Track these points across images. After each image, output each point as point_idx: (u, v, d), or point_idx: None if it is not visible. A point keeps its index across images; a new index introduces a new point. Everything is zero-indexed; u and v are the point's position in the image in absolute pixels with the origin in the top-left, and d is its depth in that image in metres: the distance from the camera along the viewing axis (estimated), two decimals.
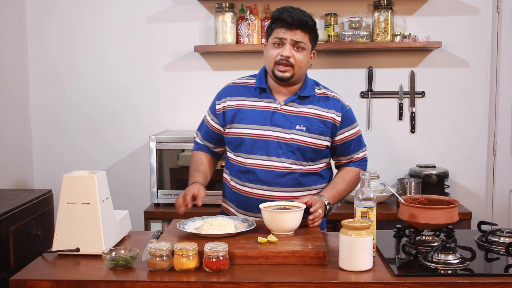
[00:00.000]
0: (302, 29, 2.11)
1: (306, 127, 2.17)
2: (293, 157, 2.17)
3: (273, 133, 2.17)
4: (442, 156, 3.41)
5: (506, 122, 3.37)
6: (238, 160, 2.22)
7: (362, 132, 2.34)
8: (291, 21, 2.09)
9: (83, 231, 1.84)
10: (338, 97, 2.29)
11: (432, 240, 1.94)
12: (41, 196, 2.59)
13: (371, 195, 1.80)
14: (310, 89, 2.24)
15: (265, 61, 2.21)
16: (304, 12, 2.14)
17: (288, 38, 2.11)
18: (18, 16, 3.39)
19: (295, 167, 2.18)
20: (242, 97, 2.24)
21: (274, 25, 2.16)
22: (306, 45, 2.14)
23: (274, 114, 2.18)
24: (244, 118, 2.20)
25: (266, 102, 2.21)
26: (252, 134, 2.18)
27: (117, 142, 3.50)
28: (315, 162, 2.23)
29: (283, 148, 2.16)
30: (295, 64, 2.13)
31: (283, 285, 1.61)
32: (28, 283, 1.65)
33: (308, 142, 2.17)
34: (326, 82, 3.38)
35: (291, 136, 2.16)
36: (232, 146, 2.24)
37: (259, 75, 2.27)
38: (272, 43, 2.15)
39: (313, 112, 2.20)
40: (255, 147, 2.18)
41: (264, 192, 2.18)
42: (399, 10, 3.35)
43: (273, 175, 2.17)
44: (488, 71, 3.37)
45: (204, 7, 3.40)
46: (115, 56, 3.46)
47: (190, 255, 1.69)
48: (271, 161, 2.17)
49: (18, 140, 3.38)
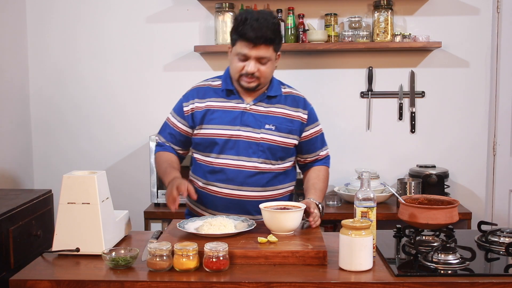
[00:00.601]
0: (266, 43, 2.10)
1: (275, 126, 2.20)
2: (263, 156, 2.19)
3: (244, 133, 2.18)
4: (442, 156, 3.41)
5: (506, 122, 3.37)
6: (208, 161, 2.23)
7: (362, 132, 2.35)
8: (254, 37, 2.07)
9: (83, 231, 1.84)
10: (303, 96, 2.33)
11: (432, 240, 1.94)
12: (41, 196, 2.58)
13: (371, 195, 1.80)
14: (276, 88, 2.26)
15: (230, 69, 2.21)
16: (267, 24, 2.08)
17: (252, 55, 2.10)
18: (18, 16, 3.39)
19: (265, 167, 2.20)
20: (210, 98, 2.24)
21: (236, 37, 2.12)
22: (270, 57, 2.14)
23: (244, 114, 2.20)
24: (214, 119, 2.21)
25: (235, 102, 2.22)
26: (222, 134, 2.19)
27: (117, 142, 3.50)
28: (284, 161, 2.26)
29: (253, 147, 2.18)
30: (261, 76, 2.14)
31: (283, 285, 1.61)
32: (28, 283, 1.65)
33: (277, 141, 2.20)
34: (326, 82, 3.42)
35: (261, 136, 2.18)
36: (201, 147, 2.24)
37: (224, 76, 2.27)
38: (235, 55, 2.14)
39: (281, 111, 2.23)
40: (225, 147, 2.19)
41: (233, 192, 2.19)
42: (399, 10, 3.35)
43: (242, 175, 2.18)
44: (488, 71, 3.37)
45: (204, 7, 3.40)
46: (115, 56, 3.46)
47: (190, 255, 1.69)
48: (241, 161, 2.18)
49: (18, 140, 3.38)
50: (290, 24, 3.30)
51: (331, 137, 3.41)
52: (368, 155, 3.44)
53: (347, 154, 3.43)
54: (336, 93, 3.39)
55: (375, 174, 3.26)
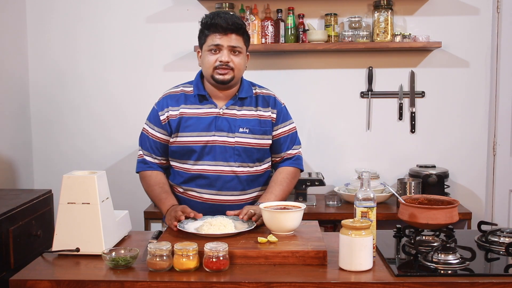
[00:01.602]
0: (237, 32, 2.15)
1: (249, 129, 2.21)
2: (239, 160, 2.20)
3: (218, 138, 2.20)
4: (442, 156, 3.40)
5: (506, 122, 3.36)
6: (186, 168, 2.24)
7: (362, 132, 2.34)
8: (225, 25, 2.12)
9: (83, 231, 1.84)
10: (274, 95, 2.33)
11: (432, 240, 1.94)
12: (41, 196, 2.58)
13: (371, 195, 1.80)
14: (247, 90, 2.28)
15: (203, 67, 2.23)
16: (235, 16, 2.19)
17: (225, 44, 2.14)
18: (18, 16, 3.39)
19: (242, 170, 2.21)
20: (183, 105, 2.25)
21: (207, 32, 2.17)
22: (242, 49, 2.19)
23: (217, 119, 2.21)
24: (188, 126, 2.21)
25: (207, 108, 2.23)
26: (198, 141, 2.20)
27: (117, 142, 3.50)
28: (261, 162, 2.27)
29: (229, 151, 2.20)
30: (235, 67, 2.17)
31: (283, 285, 1.61)
32: (28, 283, 1.66)
33: (252, 143, 2.21)
34: (327, 82, 3.42)
35: (235, 140, 2.20)
36: (178, 155, 2.25)
37: (195, 82, 2.28)
38: (208, 50, 2.17)
39: (254, 113, 2.25)
40: (202, 154, 2.20)
41: (212, 196, 2.21)
42: (399, 10, 3.35)
43: (221, 179, 2.20)
44: (488, 71, 3.37)
45: (204, 7, 3.39)
46: (115, 56, 3.46)
47: (190, 255, 1.69)
48: (218, 166, 2.20)
49: (18, 140, 3.38)
50: (290, 24, 3.29)
51: (331, 137, 3.44)
52: (368, 155, 3.44)
53: (347, 154, 3.44)
54: (336, 93, 3.39)
55: (375, 174, 3.26)
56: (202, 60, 2.22)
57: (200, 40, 2.23)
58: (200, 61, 2.24)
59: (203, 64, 2.21)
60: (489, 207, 3.43)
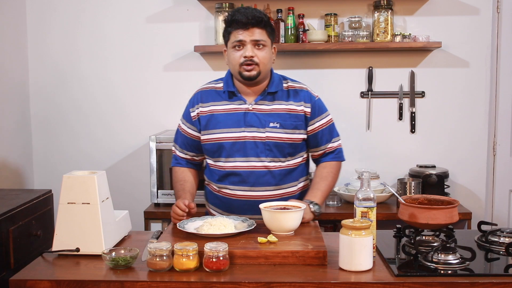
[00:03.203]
0: (258, 26, 2.14)
1: (279, 124, 2.19)
2: (271, 154, 2.19)
3: (248, 134, 2.19)
4: (442, 156, 3.40)
5: (506, 122, 3.37)
6: (218, 165, 2.24)
7: (362, 132, 2.34)
8: (245, 20, 2.11)
9: (83, 231, 1.84)
10: (306, 88, 2.30)
11: (432, 240, 1.94)
12: (41, 196, 2.58)
13: (371, 195, 1.80)
14: (277, 84, 2.25)
15: (230, 65, 2.22)
16: (256, 10, 2.17)
17: (247, 39, 2.13)
18: (18, 16, 3.39)
19: (274, 165, 2.20)
20: (213, 102, 2.25)
21: (230, 29, 2.17)
22: (266, 42, 2.17)
23: (247, 114, 2.20)
24: (218, 123, 2.21)
25: (237, 104, 2.22)
26: (228, 137, 2.19)
27: (117, 142, 3.50)
28: (294, 157, 2.25)
29: (260, 147, 2.18)
30: (260, 62, 2.15)
31: (283, 285, 1.61)
32: (28, 283, 1.65)
33: (283, 138, 2.19)
34: (326, 82, 3.41)
35: (266, 135, 2.18)
36: (210, 152, 2.25)
37: (225, 78, 2.28)
38: (232, 46, 2.17)
39: (285, 107, 2.22)
40: (233, 150, 2.19)
41: (246, 193, 2.20)
42: (399, 10, 3.35)
43: (254, 175, 2.19)
44: (488, 71, 3.37)
45: (204, 7, 3.40)
46: (115, 56, 3.46)
47: (190, 255, 1.69)
48: (250, 161, 2.19)
49: (18, 140, 3.38)
50: (290, 24, 3.30)
51: None
52: (368, 155, 3.44)
53: (347, 154, 3.37)
54: (336, 93, 3.39)
55: (375, 174, 3.26)
56: (228, 58, 2.21)
57: (224, 39, 2.22)
58: (227, 59, 2.23)
59: (230, 62, 2.20)
60: (489, 207, 3.43)
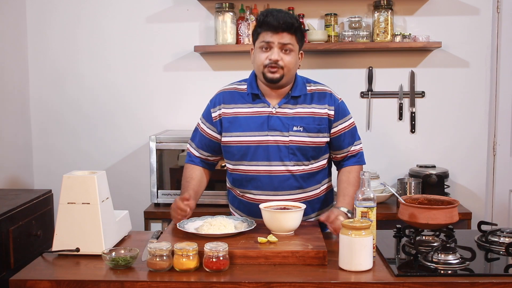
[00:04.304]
0: (289, 31, 2.11)
1: (303, 127, 2.16)
2: (294, 158, 2.16)
3: (272, 138, 2.16)
4: (442, 156, 3.40)
5: (506, 122, 3.37)
6: (240, 169, 2.20)
7: (362, 132, 2.33)
8: (276, 24, 2.09)
9: (83, 231, 1.84)
10: (330, 91, 2.28)
11: (432, 240, 1.94)
12: (41, 196, 2.59)
13: (371, 195, 1.80)
14: (301, 88, 2.23)
15: (254, 65, 2.20)
16: (289, 14, 2.15)
17: (275, 42, 2.11)
18: (18, 16, 3.39)
19: (298, 169, 2.17)
20: (236, 104, 2.22)
21: (260, 29, 2.15)
22: (293, 47, 2.15)
23: (270, 118, 2.17)
24: (241, 126, 2.19)
25: (260, 107, 2.20)
26: (251, 141, 2.17)
27: (117, 142, 3.50)
28: (317, 160, 2.22)
29: (283, 151, 2.15)
30: (284, 66, 2.12)
31: (283, 285, 1.61)
32: (28, 283, 1.66)
33: (307, 142, 2.16)
34: (327, 82, 3.39)
35: (290, 139, 2.15)
36: (231, 155, 2.21)
37: (249, 80, 2.25)
38: (259, 47, 2.15)
39: (308, 111, 2.20)
40: (256, 154, 2.17)
41: (269, 197, 2.16)
42: (399, 10, 3.35)
43: (277, 180, 2.16)
44: (488, 71, 3.37)
45: (204, 7, 3.40)
46: (115, 56, 3.46)
47: (190, 255, 1.69)
48: (272, 166, 2.16)
49: (18, 139, 3.38)
50: None
51: None
52: (368, 155, 3.39)
53: None
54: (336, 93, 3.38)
55: (375, 174, 3.26)
56: (253, 57, 2.19)
57: (253, 37, 2.20)
58: (252, 58, 2.21)
59: (254, 61, 2.18)
60: (489, 207, 3.43)
